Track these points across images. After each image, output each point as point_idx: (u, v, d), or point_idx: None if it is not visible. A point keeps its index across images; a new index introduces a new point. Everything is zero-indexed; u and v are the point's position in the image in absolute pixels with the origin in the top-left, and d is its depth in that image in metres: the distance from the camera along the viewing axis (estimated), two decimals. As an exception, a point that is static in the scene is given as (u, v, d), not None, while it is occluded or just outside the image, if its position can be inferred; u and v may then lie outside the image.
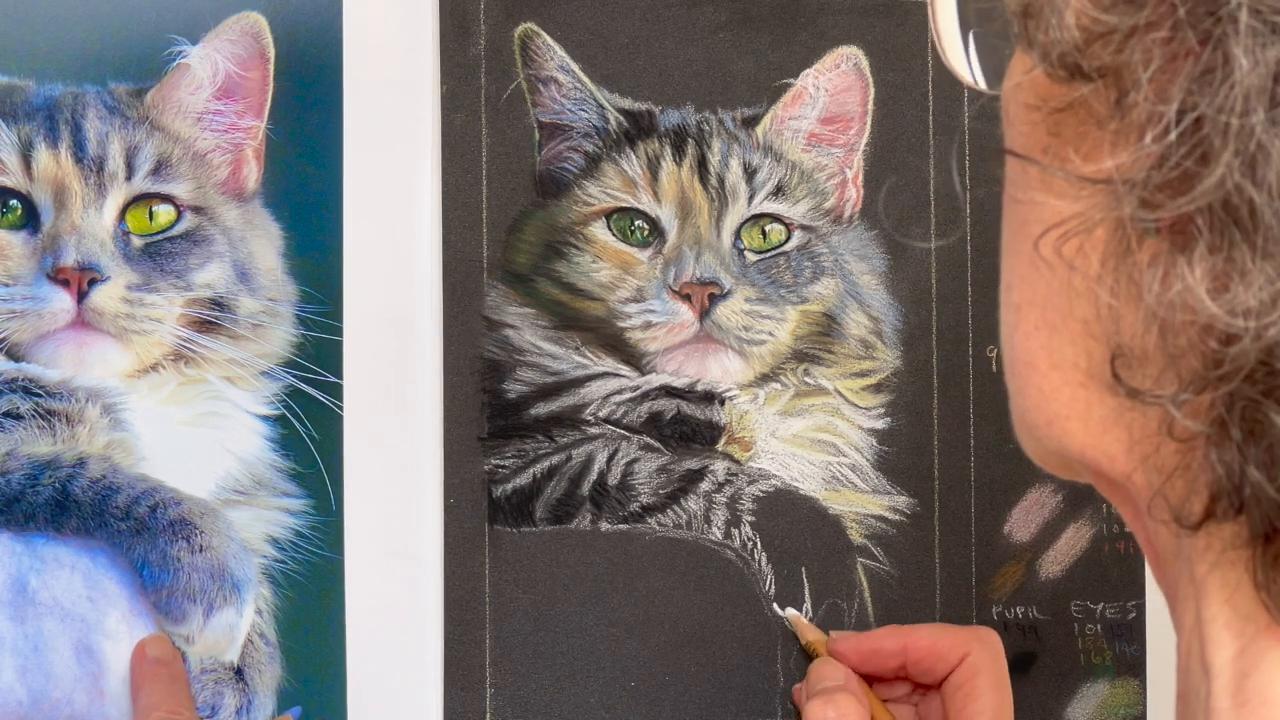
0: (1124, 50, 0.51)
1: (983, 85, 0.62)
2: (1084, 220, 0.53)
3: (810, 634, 1.01)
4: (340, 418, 0.99)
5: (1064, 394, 0.56)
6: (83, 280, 0.95)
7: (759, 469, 1.03)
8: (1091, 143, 0.53)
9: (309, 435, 0.99)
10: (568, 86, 1.03)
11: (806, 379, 1.04)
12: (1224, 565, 0.54)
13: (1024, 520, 1.05)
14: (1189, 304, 0.50)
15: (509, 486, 1.01)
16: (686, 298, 1.02)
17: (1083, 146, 0.54)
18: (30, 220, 0.96)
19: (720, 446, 1.03)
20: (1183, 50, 0.50)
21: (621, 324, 1.02)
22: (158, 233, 0.97)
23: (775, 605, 1.02)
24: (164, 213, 0.98)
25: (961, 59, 0.61)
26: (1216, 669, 0.54)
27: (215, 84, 0.99)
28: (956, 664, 0.96)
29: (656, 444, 1.02)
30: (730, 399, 1.03)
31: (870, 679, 0.99)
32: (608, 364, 1.02)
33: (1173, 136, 0.50)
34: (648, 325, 1.02)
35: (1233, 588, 0.54)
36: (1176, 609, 0.57)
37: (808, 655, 1.01)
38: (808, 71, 1.04)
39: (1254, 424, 0.50)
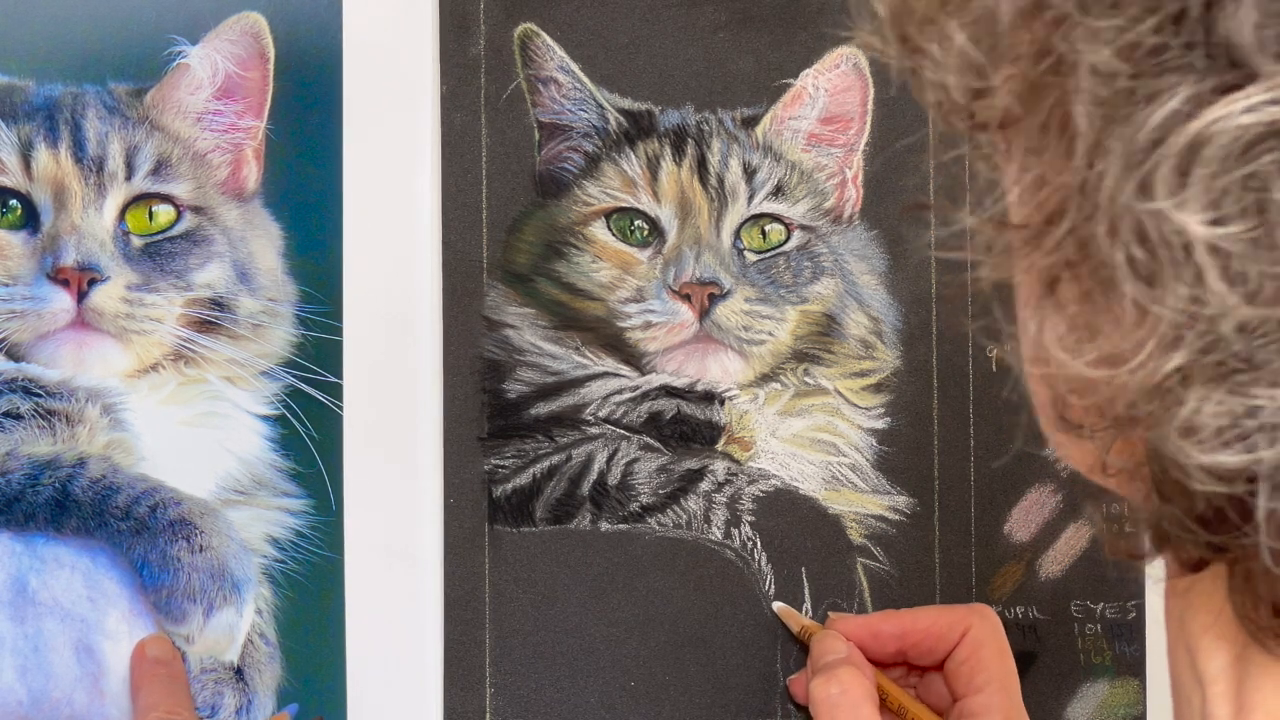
0: (998, 110, 0.52)
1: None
2: (998, 270, 0.55)
3: (802, 621, 1.01)
4: (340, 418, 0.99)
5: (1044, 415, 0.58)
6: (82, 280, 0.95)
7: (759, 469, 1.03)
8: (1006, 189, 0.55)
9: (309, 435, 0.99)
10: (567, 86, 1.03)
11: (806, 379, 1.04)
12: (1205, 582, 0.55)
13: (1024, 520, 1.05)
14: (1055, 356, 0.51)
15: (509, 486, 1.01)
16: (686, 298, 1.02)
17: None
18: (30, 220, 0.96)
19: (720, 446, 1.03)
20: (1031, 108, 0.51)
21: (621, 324, 1.02)
22: (157, 233, 0.97)
23: (774, 604, 1.03)
24: (164, 213, 0.98)
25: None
26: (1210, 677, 0.54)
27: (215, 84, 0.99)
28: (957, 641, 0.96)
29: (656, 444, 1.02)
30: (730, 399, 1.03)
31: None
32: (608, 364, 1.02)
33: (1016, 194, 0.51)
34: (647, 325, 1.02)
35: (1219, 601, 0.54)
36: (1167, 619, 0.58)
37: (803, 644, 1.01)
38: (807, 71, 1.04)
39: (1163, 461, 0.51)
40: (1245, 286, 0.47)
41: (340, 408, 0.99)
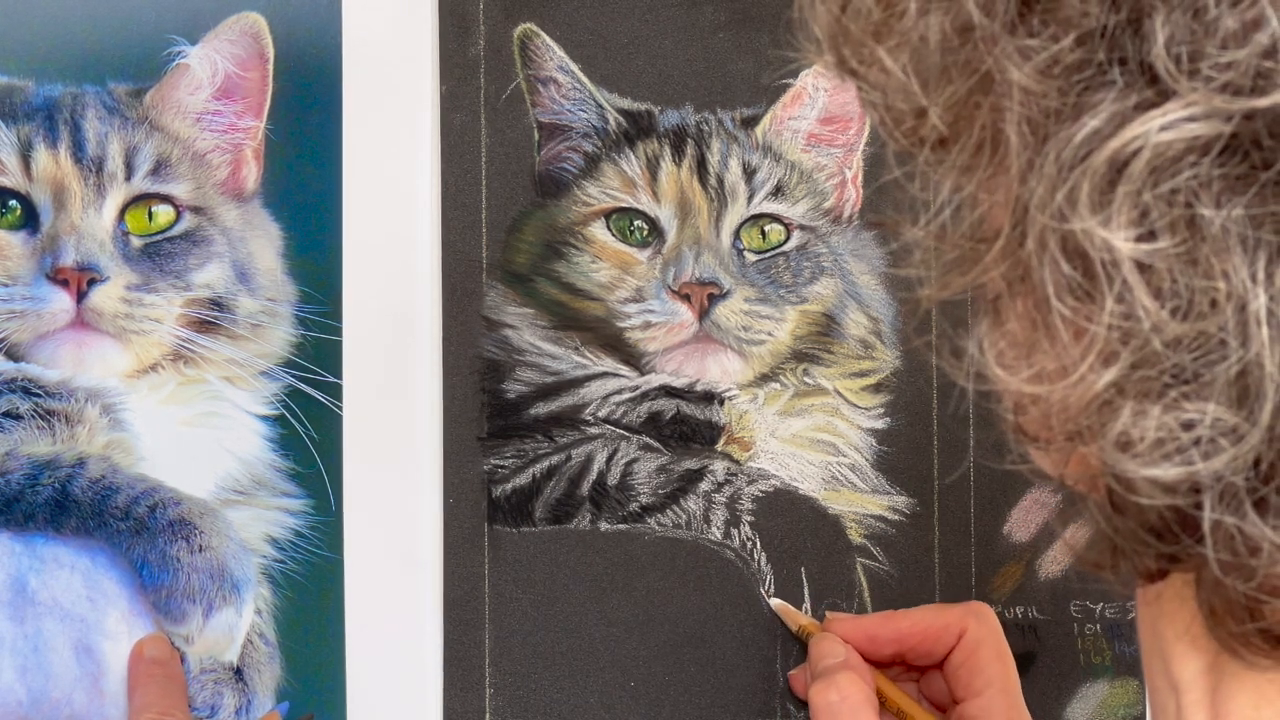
0: (930, 128, 0.53)
1: None
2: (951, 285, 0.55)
3: (800, 619, 1.01)
4: (340, 418, 0.99)
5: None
6: (82, 280, 0.95)
7: (758, 469, 1.03)
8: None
9: (308, 435, 0.99)
10: (567, 87, 1.03)
11: (806, 379, 1.04)
12: (1175, 589, 0.55)
13: (1023, 520, 1.05)
14: (990, 372, 0.52)
15: (508, 486, 1.01)
16: (686, 298, 1.02)
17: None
18: (30, 220, 0.96)
19: (720, 446, 1.03)
20: (963, 128, 0.51)
21: (621, 324, 1.02)
22: (157, 233, 0.97)
23: (769, 598, 1.02)
24: (163, 213, 0.98)
25: None
26: (1185, 684, 0.55)
27: (214, 84, 0.99)
28: (955, 642, 0.96)
29: (656, 444, 1.02)
30: (730, 399, 1.03)
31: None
32: (607, 364, 1.02)
33: (946, 215, 0.51)
34: (647, 325, 1.02)
35: (1191, 609, 0.54)
36: (1140, 625, 0.58)
37: (801, 641, 1.01)
38: (807, 72, 1.04)
39: (1110, 472, 0.51)
40: (1174, 301, 0.47)
41: (340, 408, 0.99)
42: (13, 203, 0.96)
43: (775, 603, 1.02)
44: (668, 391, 1.03)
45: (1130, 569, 0.53)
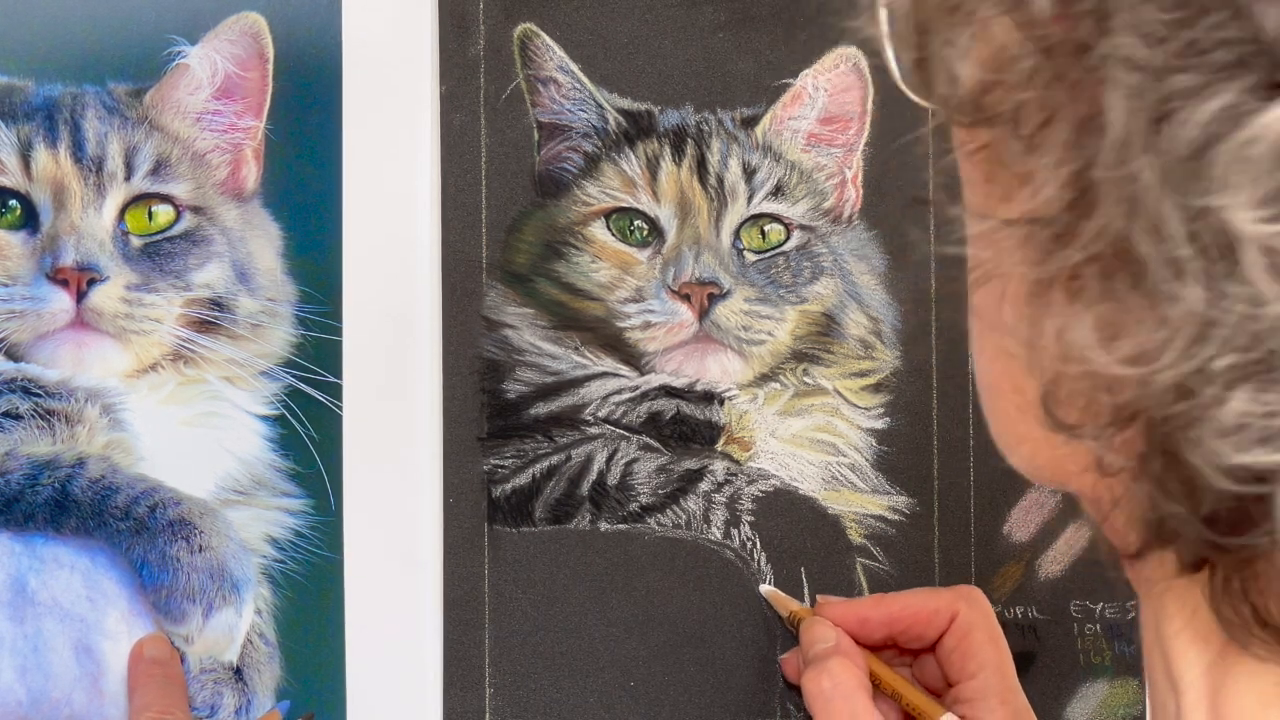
0: (1012, 102, 0.51)
1: (918, 99, 0.62)
2: (989, 267, 0.54)
3: (791, 605, 1.01)
4: (339, 418, 0.99)
5: (1027, 417, 0.57)
6: (82, 280, 0.95)
7: (758, 469, 1.03)
8: (1002, 187, 0.54)
9: (308, 435, 0.99)
10: (567, 87, 1.03)
11: (806, 379, 1.04)
12: (1178, 587, 0.54)
13: (1023, 520, 1.05)
14: (1083, 354, 0.50)
15: (508, 486, 1.01)
16: (686, 298, 1.02)
17: (995, 190, 0.54)
18: (29, 220, 0.96)
19: (719, 446, 1.03)
20: (1060, 102, 0.50)
21: (621, 324, 1.02)
22: (157, 233, 0.97)
23: (760, 587, 1.02)
24: (163, 213, 0.98)
25: (895, 68, 0.61)
26: (1185, 684, 0.54)
27: (214, 84, 0.99)
28: (946, 626, 0.96)
29: (656, 444, 1.02)
30: (729, 399, 1.03)
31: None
32: (607, 364, 1.02)
33: (1052, 189, 0.50)
34: (647, 325, 1.02)
35: (1194, 606, 0.54)
36: (1143, 623, 0.58)
37: (792, 628, 1.01)
38: (807, 72, 1.04)
39: (1170, 460, 0.50)
40: None
41: (340, 408, 0.99)
42: (12, 202, 0.96)
43: (765, 589, 1.02)
44: (668, 391, 1.03)
45: (1173, 558, 0.52)
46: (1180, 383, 0.48)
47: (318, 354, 0.99)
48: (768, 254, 1.03)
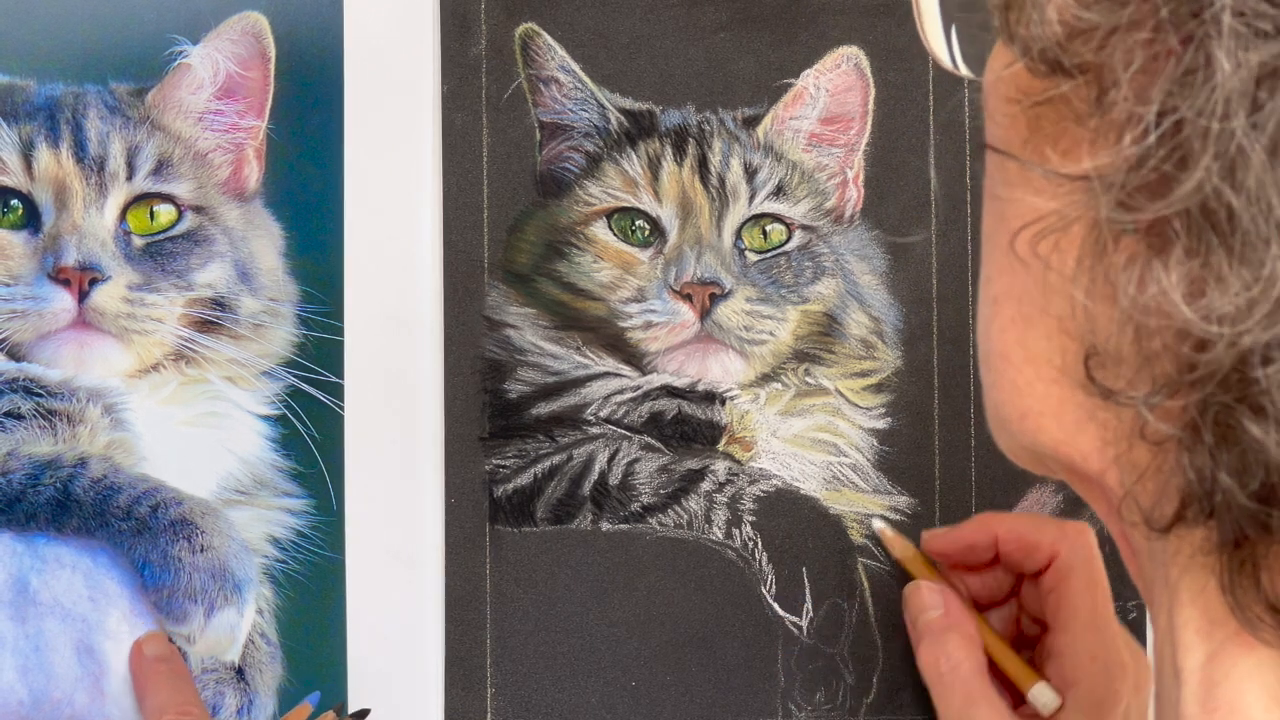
0: (1105, 48, 0.50)
1: (965, 72, 0.61)
2: (1060, 218, 0.52)
3: (899, 549, 0.99)
4: (341, 418, 0.99)
5: (1037, 389, 0.56)
6: (84, 280, 0.95)
7: (760, 469, 1.03)
8: (1070, 139, 0.53)
9: (310, 435, 0.99)
10: (569, 86, 1.03)
11: (807, 379, 1.04)
12: (1195, 568, 0.53)
13: (1025, 520, 1.05)
14: (1164, 308, 0.49)
15: (510, 486, 1.01)
16: (687, 298, 1.02)
17: (1061, 142, 0.53)
18: (31, 220, 0.96)
19: (721, 446, 1.03)
20: (1164, 51, 0.49)
21: (622, 324, 1.02)
22: (159, 232, 0.97)
23: (873, 521, 1.01)
24: (165, 212, 0.98)
25: (943, 45, 0.61)
26: (1186, 674, 0.54)
27: (216, 84, 0.99)
28: (1046, 564, 0.94)
29: (657, 444, 1.02)
30: (731, 399, 1.03)
31: (966, 569, 0.98)
32: (609, 364, 1.02)
33: (1152, 139, 0.49)
34: (649, 325, 1.02)
35: (1202, 591, 0.53)
36: (1151, 609, 0.57)
37: (901, 573, 1.00)
38: (808, 71, 1.04)
39: (1226, 429, 0.49)
40: None
41: (341, 408, 0.99)
42: (14, 202, 0.96)
43: (878, 525, 1.01)
44: (669, 391, 1.03)
45: (1228, 524, 0.51)
46: (1262, 347, 0.48)
47: (319, 354, 0.99)
48: (769, 254, 1.03)
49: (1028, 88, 0.54)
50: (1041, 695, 0.93)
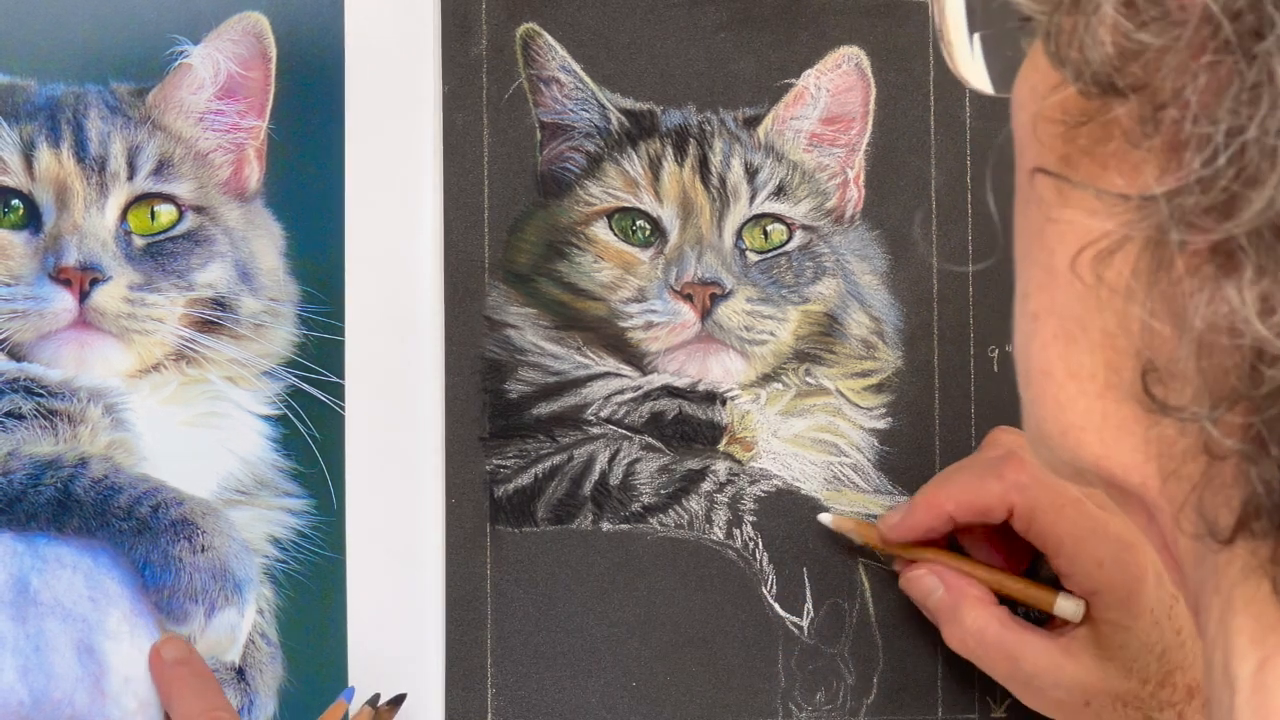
0: (1160, 68, 0.50)
1: (989, 90, 0.61)
2: (1116, 237, 0.52)
3: (863, 536, 1.00)
4: (342, 417, 0.99)
5: (1080, 404, 0.56)
6: (84, 280, 0.95)
7: (760, 469, 1.03)
8: (1118, 157, 0.53)
9: (310, 435, 0.99)
10: (569, 86, 1.03)
11: (808, 379, 1.04)
12: (1249, 576, 0.53)
13: (1025, 520, 1.05)
14: (1235, 326, 0.49)
15: (510, 486, 1.01)
16: (688, 298, 1.02)
17: (1108, 161, 0.53)
18: (32, 220, 0.96)
19: (722, 447, 1.03)
20: (1225, 70, 0.49)
21: (623, 324, 1.02)
22: (159, 232, 0.97)
23: (819, 517, 1.02)
24: (166, 212, 0.98)
25: (967, 62, 0.60)
26: (1240, 681, 0.53)
27: (217, 84, 0.99)
28: (1008, 514, 0.95)
29: (658, 444, 1.02)
30: (732, 399, 1.03)
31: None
32: (609, 364, 1.02)
33: (1222, 160, 0.48)
34: (649, 325, 1.02)
35: (1254, 598, 0.53)
36: (1200, 617, 0.56)
37: (876, 554, 1.01)
38: (809, 71, 1.04)
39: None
40: None
41: (342, 408, 0.99)
42: (15, 202, 0.96)
43: (825, 518, 1.01)
44: (670, 391, 1.03)
45: (1249, 549, 0.51)
46: None
47: (320, 354, 0.99)
48: (770, 254, 1.03)
49: (1071, 108, 0.54)
50: (1066, 608, 0.95)
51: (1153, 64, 0.50)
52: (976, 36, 0.61)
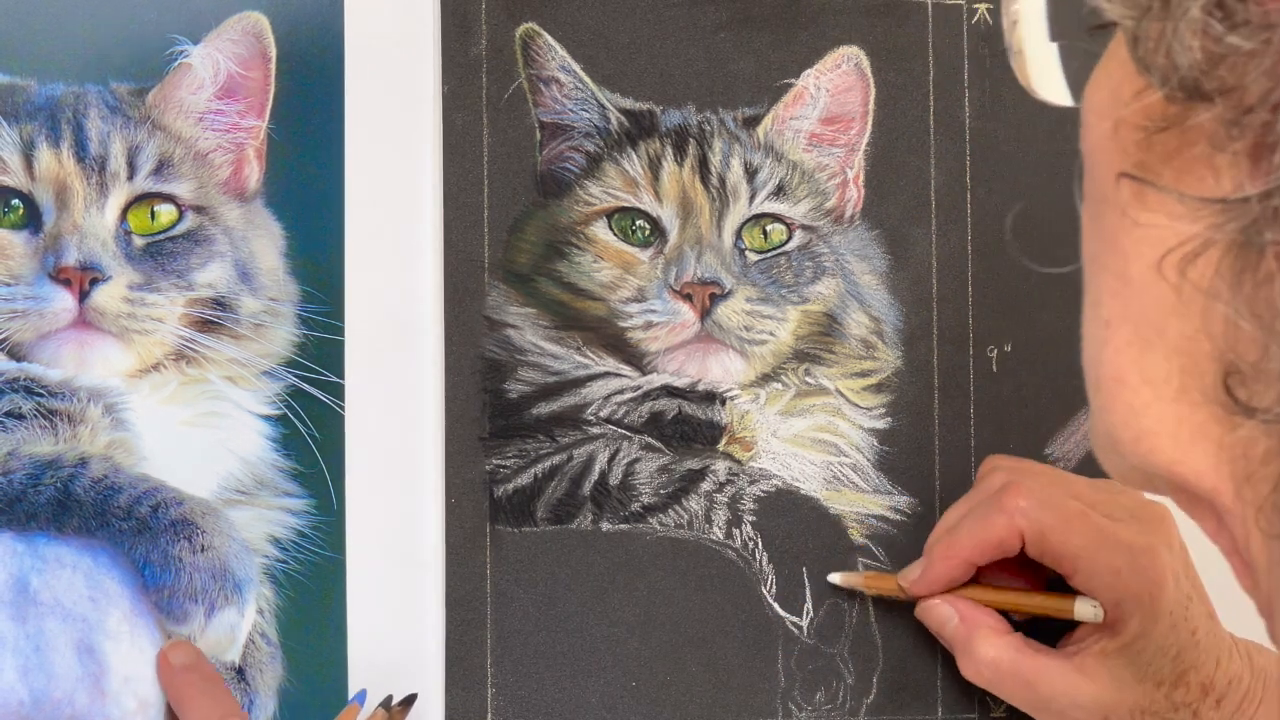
0: (1248, 71, 0.50)
1: (1066, 101, 0.61)
2: (1201, 241, 0.52)
3: (878, 588, 1.01)
4: (342, 417, 0.99)
5: (1154, 410, 0.56)
6: (84, 280, 0.95)
7: (760, 469, 1.03)
8: (1199, 161, 0.53)
9: (310, 435, 0.99)
10: (569, 86, 1.03)
11: (807, 379, 1.04)
12: None
13: (1025, 520, 1.05)
14: None
15: (510, 486, 1.01)
16: (688, 298, 1.02)
17: (1190, 165, 0.53)
18: (32, 220, 0.96)
19: (721, 446, 1.03)
20: None
21: (623, 324, 1.02)
22: (159, 232, 0.97)
23: (829, 578, 1.02)
24: (165, 212, 0.98)
25: (1042, 73, 0.60)
26: None
27: (217, 83, 0.99)
28: (1020, 545, 0.95)
29: (658, 444, 1.02)
30: (731, 399, 1.03)
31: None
32: (609, 364, 1.03)
33: (1244, 168, 0.49)
34: (649, 325, 1.02)
35: None
36: (1271, 621, 0.56)
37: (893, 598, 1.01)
38: (809, 71, 1.04)
39: None
40: None
41: (342, 407, 0.99)
42: (15, 202, 0.96)
43: (835, 578, 1.02)
44: (669, 391, 1.03)
45: None
46: None
47: (320, 354, 0.99)
48: (770, 254, 1.03)
49: (1154, 113, 0.54)
50: (1085, 610, 0.95)
51: (1241, 68, 0.50)
52: (1055, 46, 0.61)
